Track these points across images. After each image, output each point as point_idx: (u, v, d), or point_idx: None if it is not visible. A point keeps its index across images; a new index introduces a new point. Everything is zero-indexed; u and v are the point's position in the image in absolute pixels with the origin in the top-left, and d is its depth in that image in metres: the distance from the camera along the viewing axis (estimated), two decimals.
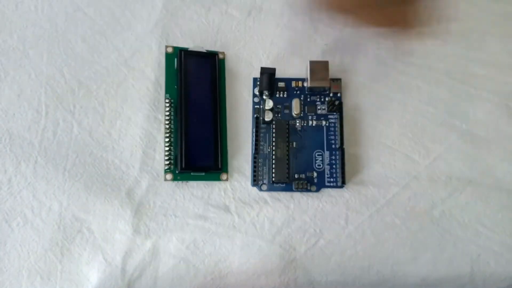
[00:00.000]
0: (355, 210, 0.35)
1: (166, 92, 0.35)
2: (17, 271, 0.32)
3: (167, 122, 0.34)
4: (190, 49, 0.36)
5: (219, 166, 0.34)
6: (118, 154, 0.35)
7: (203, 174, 0.34)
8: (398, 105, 0.36)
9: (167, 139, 0.34)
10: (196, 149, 0.33)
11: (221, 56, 0.36)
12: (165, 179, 0.34)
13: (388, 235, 0.34)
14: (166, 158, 0.34)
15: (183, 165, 0.33)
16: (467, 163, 0.36)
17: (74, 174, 0.34)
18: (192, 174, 0.34)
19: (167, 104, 0.34)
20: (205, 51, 0.36)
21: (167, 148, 0.34)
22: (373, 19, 0.36)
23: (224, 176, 0.35)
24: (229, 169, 0.35)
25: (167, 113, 0.34)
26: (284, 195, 0.35)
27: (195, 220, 0.34)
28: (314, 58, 0.37)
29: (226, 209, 0.34)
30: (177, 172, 0.33)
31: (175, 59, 0.35)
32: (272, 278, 0.33)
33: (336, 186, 0.34)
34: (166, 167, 0.34)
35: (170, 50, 0.36)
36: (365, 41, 0.38)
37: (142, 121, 0.35)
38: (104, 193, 0.34)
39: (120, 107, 0.35)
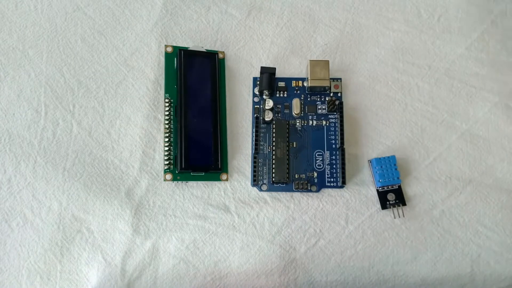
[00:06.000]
0: (355, 210, 0.34)
1: (166, 91, 0.35)
2: (17, 271, 0.32)
3: (166, 122, 0.34)
4: (190, 49, 0.35)
5: (219, 166, 0.34)
6: (117, 154, 0.34)
7: (203, 174, 0.34)
8: (398, 105, 0.36)
9: (166, 139, 0.34)
10: (195, 149, 0.33)
11: (221, 55, 0.36)
12: (165, 179, 0.34)
13: (388, 235, 0.34)
14: (166, 158, 0.34)
15: (183, 165, 0.33)
16: (467, 163, 0.36)
17: (73, 174, 0.34)
18: (192, 174, 0.34)
19: (167, 104, 0.34)
20: (205, 50, 0.36)
21: (166, 148, 0.34)
22: None
23: (224, 176, 0.34)
24: (229, 169, 0.35)
25: (167, 113, 0.34)
26: (284, 195, 0.35)
27: (194, 220, 0.34)
28: (314, 58, 0.37)
29: (226, 209, 0.34)
30: (176, 172, 0.33)
31: (175, 59, 0.35)
32: (272, 278, 0.33)
33: (337, 186, 0.34)
34: (165, 167, 0.34)
35: (169, 49, 0.36)
36: (365, 41, 0.38)
37: (142, 121, 0.35)
38: (104, 193, 0.34)
39: (120, 107, 0.35)
